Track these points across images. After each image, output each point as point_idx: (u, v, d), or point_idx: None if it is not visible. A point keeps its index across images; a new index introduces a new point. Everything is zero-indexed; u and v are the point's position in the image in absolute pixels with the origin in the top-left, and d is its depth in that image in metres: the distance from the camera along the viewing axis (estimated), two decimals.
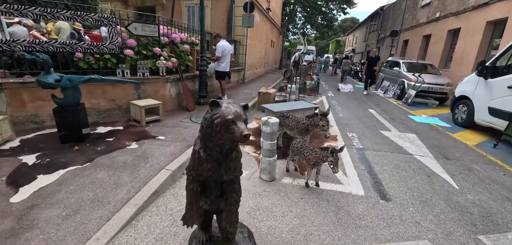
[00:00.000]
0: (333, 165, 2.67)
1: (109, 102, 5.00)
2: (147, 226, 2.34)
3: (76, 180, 2.88)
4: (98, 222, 2.27)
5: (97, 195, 2.64)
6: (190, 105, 6.12)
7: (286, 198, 2.86)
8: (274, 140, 3.08)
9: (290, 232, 2.32)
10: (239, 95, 8.67)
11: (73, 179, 2.89)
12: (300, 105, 5.26)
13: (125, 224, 2.31)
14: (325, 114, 3.35)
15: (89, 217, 2.32)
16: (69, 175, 2.98)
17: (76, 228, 2.19)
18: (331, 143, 4.62)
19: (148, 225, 2.35)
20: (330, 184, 3.19)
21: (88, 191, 2.69)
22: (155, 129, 4.64)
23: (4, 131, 3.65)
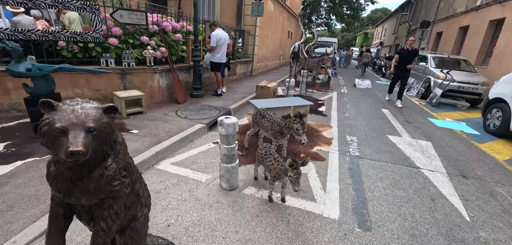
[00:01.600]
0: (292, 181, 2.16)
1: (94, 92, 4.87)
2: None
3: (27, 173, 2.72)
4: (25, 222, 2.09)
5: (38, 191, 2.44)
6: (180, 98, 5.83)
7: (239, 214, 2.41)
8: (232, 144, 2.62)
9: None
10: (240, 88, 8.23)
11: (25, 172, 2.73)
12: (291, 102, 4.69)
13: None
14: (301, 116, 2.79)
15: (19, 216, 2.15)
16: (24, 167, 2.83)
17: (1, 227, 2.00)
18: (320, 148, 4.03)
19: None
20: (300, 200, 2.67)
21: (32, 186, 2.50)
22: (133, 122, 4.41)
23: None
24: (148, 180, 2.94)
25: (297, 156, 3.67)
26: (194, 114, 5.14)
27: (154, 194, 2.68)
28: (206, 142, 4.12)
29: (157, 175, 3.06)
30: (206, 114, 5.20)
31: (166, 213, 2.42)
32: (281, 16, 16.30)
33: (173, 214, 2.40)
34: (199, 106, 5.72)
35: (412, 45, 7.36)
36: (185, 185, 2.88)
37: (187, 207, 2.50)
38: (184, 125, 4.43)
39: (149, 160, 3.29)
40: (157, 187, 2.81)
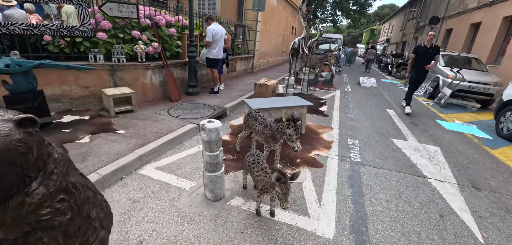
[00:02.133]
0: (279, 198, 1.89)
1: (82, 89, 4.65)
2: None
3: None
4: None
5: None
6: (174, 95, 5.58)
7: (221, 230, 2.15)
8: (215, 151, 2.35)
9: None
10: (239, 85, 7.95)
11: None
12: (289, 101, 4.39)
13: None
14: (294, 119, 2.50)
15: None
16: None
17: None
18: (319, 152, 3.74)
19: None
20: (292, 214, 2.39)
21: None
22: (121, 121, 4.18)
23: None
24: (127, 187, 2.70)
25: (293, 162, 3.39)
26: (187, 113, 4.89)
27: (131, 204, 2.44)
28: (196, 144, 3.87)
29: (138, 181, 2.82)
30: (199, 113, 4.94)
31: (140, 226, 2.17)
32: (285, 11, 15.89)
33: (149, 228, 2.15)
34: (193, 105, 5.46)
35: (431, 41, 5.92)
36: (167, 193, 2.64)
37: (165, 220, 2.25)
38: (174, 125, 4.18)
39: (131, 164, 3.05)
40: (135, 196, 2.57)
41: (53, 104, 4.43)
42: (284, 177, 1.90)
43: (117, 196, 2.55)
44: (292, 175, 1.91)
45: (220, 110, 5.28)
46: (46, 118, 3.78)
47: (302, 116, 2.55)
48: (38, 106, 3.59)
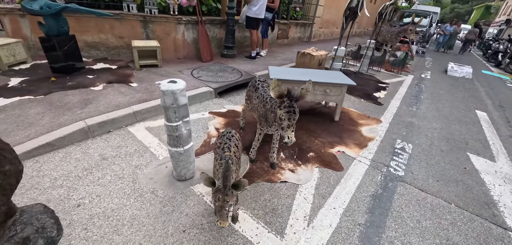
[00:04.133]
0: (215, 209, 1.26)
1: (117, 39, 4.77)
2: None
3: (12, 109, 2.70)
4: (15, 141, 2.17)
5: (5, 130, 2.34)
6: (205, 55, 5.24)
7: (162, 220, 1.70)
8: (173, 121, 1.82)
9: None
10: (286, 54, 7.04)
11: (13, 108, 2.73)
12: (324, 76, 3.39)
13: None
14: (291, 97, 1.72)
15: None
16: (17, 103, 2.84)
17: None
18: (345, 149, 2.78)
19: None
20: (260, 227, 1.74)
21: (5, 124, 2.43)
22: (141, 75, 4.11)
23: (17, 53, 3.92)
24: (107, 142, 2.52)
25: (302, 156, 2.61)
26: (210, 76, 4.49)
27: (99, 161, 2.24)
28: (204, 110, 3.46)
29: (121, 138, 2.61)
30: (222, 77, 4.47)
31: (89, 188, 1.93)
32: None
33: (95, 192, 1.89)
34: (221, 68, 5.02)
35: None
36: (138, 158, 2.33)
37: (115, 188, 1.95)
38: (188, 85, 3.84)
39: (123, 119, 2.87)
40: (108, 153, 2.36)
41: (92, 51, 4.70)
42: (225, 180, 1.25)
43: (92, 150, 2.39)
44: (236, 183, 1.23)
45: (248, 77, 4.68)
46: (78, 63, 3.99)
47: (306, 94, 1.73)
48: (68, 50, 3.76)
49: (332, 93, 3.34)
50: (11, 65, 3.78)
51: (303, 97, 1.76)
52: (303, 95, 1.76)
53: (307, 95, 1.77)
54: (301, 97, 1.75)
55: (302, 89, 1.75)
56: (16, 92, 3.07)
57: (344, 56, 4.82)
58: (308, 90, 1.76)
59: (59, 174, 2.05)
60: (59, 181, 1.98)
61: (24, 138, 2.29)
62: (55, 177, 2.01)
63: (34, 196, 1.83)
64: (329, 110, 3.85)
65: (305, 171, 2.38)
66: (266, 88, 2.33)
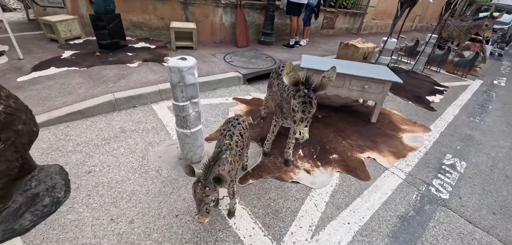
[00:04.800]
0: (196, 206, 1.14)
1: (159, 20, 4.99)
2: None
3: (59, 78, 3.03)
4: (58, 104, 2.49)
5: (48, 95, 2.63)
6: (240, 41, 5.14)
7: (158, 200, 1.67)
8: (180, 101, 1.74)
9: None
10: (329, 45, 6.50)
11: (60, 77, 3.05)
12: (364, 70, 2.94)
13: None
14: (308, 85, 1.48)
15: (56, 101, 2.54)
16: (64, 72, 3.18)
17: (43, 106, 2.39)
18: (377, 157, 2.39)
19: None
20: (256, 228, 1.57)
21: (50, 90, 2.74)
22: (175, 55, 4.20)
23: (73, 29, 4.41)
24: (130, 116, 2.63)
25: (323, 156, 2.33)
26: (242, 61, 4.37)
27: (118, 133, 2.34)
28: (229, 95, 3.38)
29: (142, 114, 2.70)
30: (255, 64, 4.32)
31: (103, 157, 2.02)
32: None
33: (107, 162, 1.97)
34: (255, 54, 4.86)
35: None
36: (153, 135, 2.37)
37: (125, 161, 2.00)
38: (218, 70, 3.80)
39: (148, 96, 2.96)
40: (128, 127, 2.45)
41: (136, 30, 5.01)
42: (206, 170, 1.11)
43: (115, 122, 2.51)
44: (217, 176, 1.07)
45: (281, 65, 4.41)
46: (122, 41, 4.29)
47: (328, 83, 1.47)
48: (113, 28, 4.04)
49: (371, 90, 2.90)
50: (67, 39, 4.25)
51: (324, 87, 1.50)
52: (324, 85, 1.49)
53: (329, 85, 1.50)
54: (321, 87, 1.49)
55: (323, 78, 1.48)
56: (66, 63, 3.43)
57: (393, 50, 4.15)
58: (331, 79, 1.49)
59: (82, 140, 2.19)
60: (80, 146, 2.11)
61: (61, 104, 2.52)
62: (78, 142, 2.16)
63: (56, 157, 1.97)
64: (367, 110, 3.39)
65: (323, 174, 2.10)
66: None
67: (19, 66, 3.21)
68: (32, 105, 2.46)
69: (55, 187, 1.68)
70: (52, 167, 1.83)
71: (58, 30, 4.04)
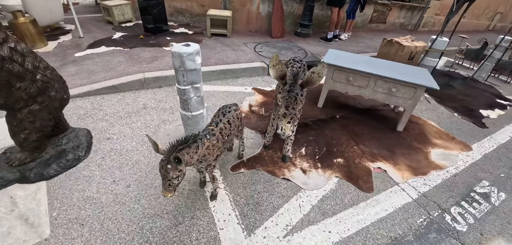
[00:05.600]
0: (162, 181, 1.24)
1: (199, 8, 5.27)
2: None
3: (106, 56, 3.53)
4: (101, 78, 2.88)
5: (94, 70, 3.12)
6: (275, 31, 5.08)
7: (152, 175, 1.85)
8: (182, 85, 1.87)
9: None
10: (373, 42, 5.93)
11: (106, 55, 3.56)
12: (398, 72, 2.60)
13: None
14: (295, 77, 1.45)
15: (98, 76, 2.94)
16: (110, 51, 3.69)
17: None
18: (389, 170, 2.17)
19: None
20: (235, 216, 1.61)
21: (96, 66, 3.23)
22: (208, 42, 4.44)
23: (126, 13, 5.01)
24: (154, 94, 2.92)
25: (326, 159, 2.23)
26: (272, 52, 4.35)
27: (140, 109, 2.65)
28: (249, 85, 3.44)
29: (165, 94, 2.97)
30: (285, 55, 4.25)
31: (122, 128, 2.32)
32: None
33: (123, 132, 2.26)
34: (287, 45, 4.76)
35: None
36: (169, 114, 2.60)
37: (139, 134, 2.26)
38: (244, 59, 3.88)
39: (173, 78, 3.21)
40: (149, 104, 2.74)
41: (179, 16, 5.40)
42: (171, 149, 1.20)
43: (140, 98, 2.82)
44: (177, 155, 1.15)
45: (313, 59, 4.26)
46: (165, 26, 4.70)
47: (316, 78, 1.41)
48: (156, 13, 4.45)
49: (399, 94, 2.60)
50: (120, 22, 4.84)
51: (312, 83, 1.43)
52: (311, 81, 1.42)
53: (318, 81, 1.42)
54: (308, 83, 1.43)
55: (312, 73, 1.41)
56: (114, 43, 3.94)
57: (443, 51, 3.54)
58: (320, 75, 1.41)
59: (110, 111, 2.54)
60: (107, 116, 2.46)
61: (101, 78, 2.94)
62: (107, 113, 2.51)
63: (88, 122, 2.34)
64: (396, 116, 3.05)
65: (319, 177, 2.02)
66: (299, 67, 2.00)
67: (78, 43, 3.83)
68: (81, 77, 2.94)
69: (79, 147, 2.01)
70: (81, 130, 2.19)
71: (113, 14, 4.64)
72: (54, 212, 1.56)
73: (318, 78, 1.40)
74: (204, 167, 1.47)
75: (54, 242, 1.41)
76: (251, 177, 1.94)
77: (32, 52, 1.67)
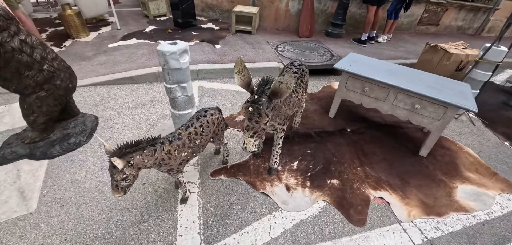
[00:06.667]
0: None
1: (229, 3, 5.29)
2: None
3: (133, 48, 3.83)
4: (123, 68, 3.11)
5: (119, 61, 3.42)
6: (302, 30, 4.81)
7: None
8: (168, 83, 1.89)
9: None
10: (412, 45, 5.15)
11: (134, 47, 3.86)
12: (423, 83, 2.18)
13: None
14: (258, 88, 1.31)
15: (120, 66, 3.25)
16: (138, 43, 3.99)
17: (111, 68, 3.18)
18: (395, 204, 1.84)
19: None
20: (198, 224, 1.56)
21: (122, 56, 3.53)
22: (231, 39, 4.44)
23: (161, 7, 5.33)
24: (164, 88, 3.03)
25: (322, 176, 2.02)
26: (294, 52, 4.13)
27: (148, 102, 2.77)
28: None
29: None
30: (307, 56, 3.99)
31: (125, 119, 2.46)
32: None
33: (125, 123, 2.40)
34: (313, 46, 4.46)
35: None
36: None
37: (138, 126, 2.38)
38: (262, 58, 3.77)
39: None
40: (157, 97, 2.86)
41: (210, 12, 5.52)
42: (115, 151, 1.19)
43: (151, 91, 2.97)
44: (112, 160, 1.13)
45: (327, 63, 3.90)
46: (193, 21, 4.86)
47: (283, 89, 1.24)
48: (185, 9, 4.62)
49: (424, 113, 2.19)
50: (155, 16, 5.17)
51: (279, 94, 1.25)
52: (278, 92, 1.24)
53: (286, 92, 1.24)
54: (274, 94, 1.26)
55: (279, 83, 1.23)
56: (143, 36, 4.22)
57: (499, 63, 2.82)
58: (289, 85, 1.22)
59: (121, 101, 2.72)
60: (117, 106, 2.64)
61: (122, 69, 3.17)
62: (117, 102, 2.70)
63: (99, 109, 2.55)
64: (422, 137, 2.58)
65: (303, 198, 1.82)
66: (294, 73, 1.83)
67: (114, 35, 4.21)
68: (106, 67, 3.22)
69: (82, 132, 2.20)
70: (90, 116, 2.40)
71: (149, 8, 4.97)
72: (45, 189, 1.73)
73: (286, 88, 1.22)
74: (165, 171, 1.45)
75: (36, 217, 1.56)
76: (229, 185, 1.86)
77: (41, 44, 1.86)
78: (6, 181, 1.77)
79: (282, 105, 1.55)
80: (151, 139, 1.35)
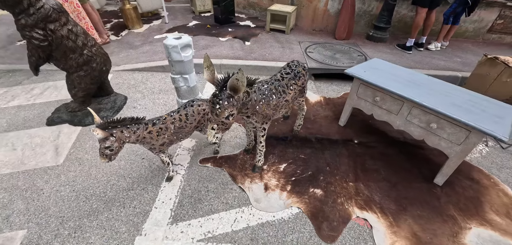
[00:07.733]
0: None
1: (268, 2, 5.36)
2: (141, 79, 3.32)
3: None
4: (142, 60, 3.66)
5: (158, 51, 3.91)
6: (340, 32, 4.54)
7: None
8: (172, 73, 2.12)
9: None
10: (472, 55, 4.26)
11: None
12: (444, 98, 1.86)
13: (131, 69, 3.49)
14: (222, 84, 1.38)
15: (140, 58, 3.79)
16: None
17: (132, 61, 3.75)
18: (379, 222, 1.68)
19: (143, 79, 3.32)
20: (171, 202, 1.75)
21: (161, 47, 4.02)
22: (263, 37, 4.53)
23: (206, 4, 5.76)
24: None
25: (305, 183, 1.99)
26: (324, 54, 3.97)
27: (172, 89, 3.10)
28: None
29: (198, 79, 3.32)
30: (337, 60, 3.79)
31: (147, 102, 2.83)
32: None
33: (146, 106, 2.77)
34: (346, 49, 4.18)
35: None
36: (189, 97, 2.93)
37: (154, 109, 2.71)
38: (287, 57, 3.76)
39: None
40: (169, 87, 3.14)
41: (250, 10, 5.69)
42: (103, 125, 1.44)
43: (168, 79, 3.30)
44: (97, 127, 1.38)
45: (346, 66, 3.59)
46: (233, 17, 5.12)
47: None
48: (226, 5, 4.90)
49: (442, 134, 1.90)
50: (201, 11, 5.62)
51: (235, 89, 1.28)
52: (234, 87, 1.28)
53: (241, 89, 1.28)
54: (232, 89, 1.30)
55: (236, 80, 1.27)
56: (185, 30, 4.66)
57: None
58: (242, 81, 1.26)
59: (150, 86, 3.13)
60: (145, 90, 3.05)
61: (158, 58, 3.61)
62: (146, 87, 3.11)
63: (130, 91, 3.00)
64: (441, 161, 2.20)
65: (277, 200, 1.82)
66: (286, 74, 1.85)
67: (162, 28, 4.78)
68: (147, 55, 3.71)
69: (111, 108, 2.64)
70: (121, 96, 2.85)
71: (195, 3, 5.44)
72: (72, 149, 2.18)
73: (240, 84, 1.26)
74: (148, 148, 1.66)
75: (60, 169, 1.99)
76: (212, 174, 1.99)
77: (84, 33, 2.31)
78: (49, 138, 2.28)
79: (256, 104, 1.58)
80: (136, 119, 1.57)
